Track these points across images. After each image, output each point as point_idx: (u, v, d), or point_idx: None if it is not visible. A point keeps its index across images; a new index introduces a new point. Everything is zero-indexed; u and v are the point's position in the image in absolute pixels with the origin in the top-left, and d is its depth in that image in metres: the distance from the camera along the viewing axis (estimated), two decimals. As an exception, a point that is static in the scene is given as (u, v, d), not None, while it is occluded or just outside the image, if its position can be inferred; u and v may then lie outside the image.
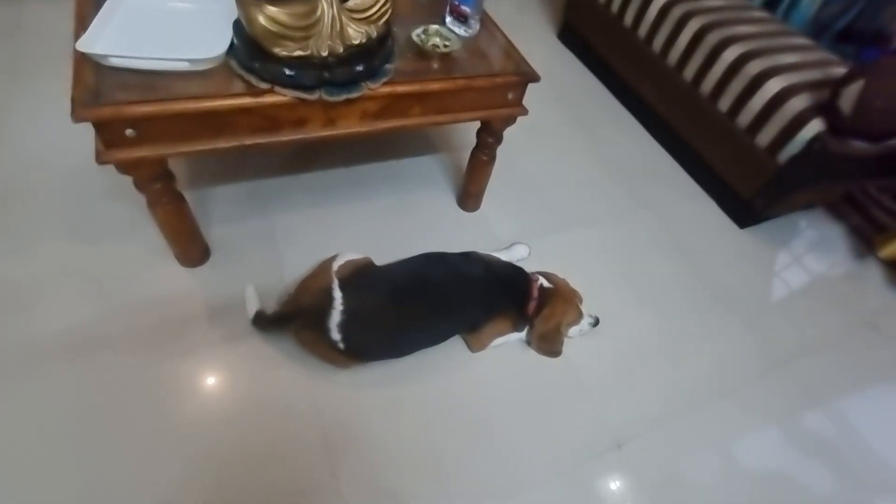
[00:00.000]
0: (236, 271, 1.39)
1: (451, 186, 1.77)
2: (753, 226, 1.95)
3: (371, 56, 1.08)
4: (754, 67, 1.73)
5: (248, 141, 1.08)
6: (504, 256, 1.55)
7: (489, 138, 1.45)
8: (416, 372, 1.31)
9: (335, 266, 1.21)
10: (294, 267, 1.40)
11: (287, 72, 0.99)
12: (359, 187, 1.69)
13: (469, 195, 1.67)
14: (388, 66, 1.13)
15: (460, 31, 1.31)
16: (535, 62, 1.31)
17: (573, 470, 1.23)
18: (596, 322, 1.44)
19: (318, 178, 1.68)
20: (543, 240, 1.68)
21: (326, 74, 1.02)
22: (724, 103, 1.84)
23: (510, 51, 1.32)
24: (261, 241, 1.47)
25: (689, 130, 2.03)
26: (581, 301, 1.43)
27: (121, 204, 1.45)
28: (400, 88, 1.13)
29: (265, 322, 1.23)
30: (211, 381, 1.21)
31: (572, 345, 1.44)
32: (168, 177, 1.13)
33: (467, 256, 1.35)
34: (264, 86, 1.01)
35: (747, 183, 1.84)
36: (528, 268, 1.44)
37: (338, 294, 1.15)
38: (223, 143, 1.06)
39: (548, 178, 1.91)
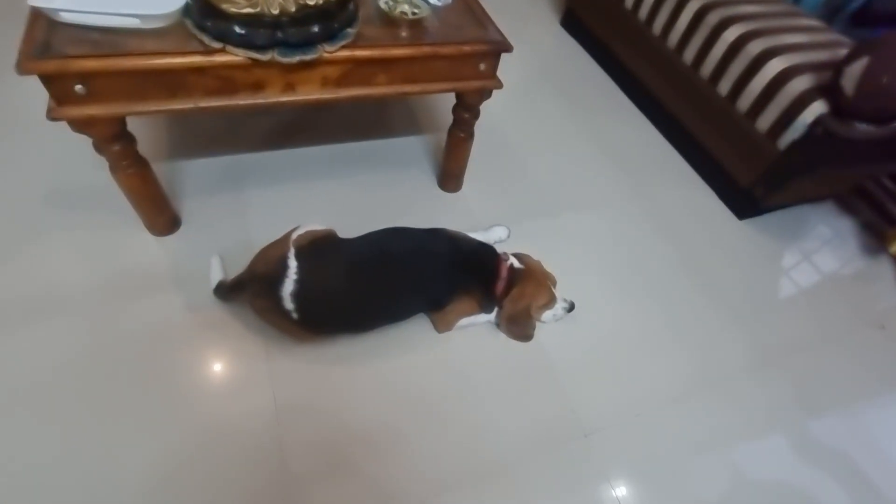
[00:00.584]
0: (205, 242, 1.38)
1: (434, 167, 1.73)
2: (753, 217, 1.85)
3: (329, 18, 1.05)
4: (755, 47, 1.63)
5: (204, 103, 1.06)
6: (481, 237, 1.50)
7: (465, 113, 1.41)
8: (378, 350, 1.27)
9: (294, 235, 1.18)
10: (263, 240, 1.37)
11: (238, 30, 0.97)
12: (338, 164, 1.67)
13: (448, 175, 1.63)
14: (350, 30, 1.10)
15: None
16: (537, 49, 1.30)
17: (534, 458, 1.17)
18: (571, 307, 1.38)
19: (298, 154, 1.67)
20: (528, 224, 1.63)
21: (279, 34, 1.00)
22: (724, 86, 1.75)
23: (483, 20, 1.27)
24: (232, 214, 1.46)
25: (688, 116, 1.95)
26: (554, 284, 1.38)
27: (97, 169, 1.45)
28: (360, 53, 1.10)
29: (224, 291, 1.22)
30: (167, 348, 1.20)
31: (545, 330, 1.38)
32: (127, 139, 1.12)
33: (434, 232, 1.31)
34: (216, 45, 0.99)
35: (746, 170, 1.75)
36: (508, 250, 1.39)
37: (292, 263, 1.12)
38: (178, 105, 1.05)
39: (540, 162, 1.86)
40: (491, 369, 1.30)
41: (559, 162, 1.88)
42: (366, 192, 1.61)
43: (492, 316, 1.34)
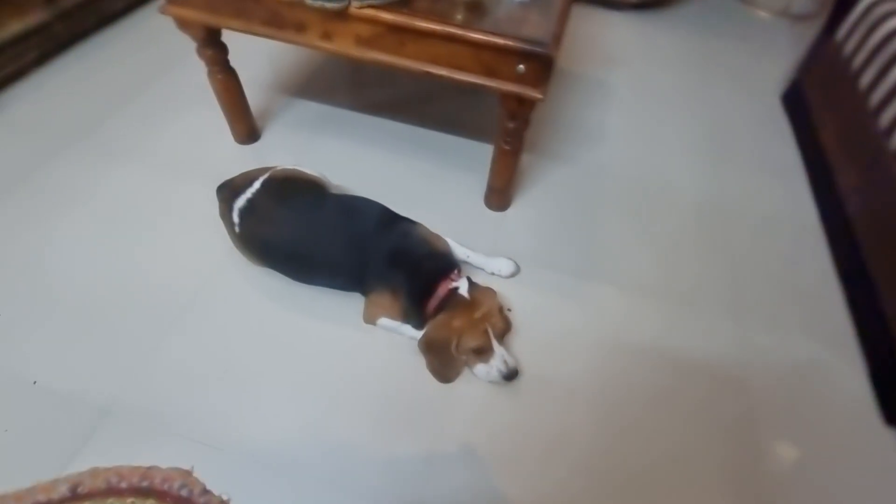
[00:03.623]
0: (268, 162, 1.56)
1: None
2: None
3: (368, -24, 1.08)
4: None
5: (256, 30, 1.23)
6: (476, 259, 1.33)
7: (508, 122, 1.26)
8: (297, 302, 1.26)
9: (280, 166, 1.26)
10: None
11: (283, -33, 1.09)
12: (407, 144, 1.69)
13: (491, 189, 1.48)
14: (388, -7, 1.11)
15: (511, -8, 1.18)
16: (741, 115, 1.13)
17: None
18: (511, 374, 1.10)
19: (380, 123, 1.76)
20: (552, 276, 1.37)
21: (317, -22, 1.08)
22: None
23: (553, 26, 1.11)
24: (299, 150, 1.64)
25: (881, 259, 1.31)
26: (500, 333, 1.12)
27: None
28: (386, 16, 1.10)
29: (217, 190, 1.34)
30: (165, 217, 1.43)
31: (474, 391, 1.14)
32: (219, 48, 1.38)
33: (397, 221, 1.21)
34: (268, -24, 1.13)
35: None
36: (501, 289, 1.24)
37: (256, 185, 1.20)
38: (237, 25, 1.23)
39: (627, 231, 1.53)
40: (377, 376, 1.14)
41: (651, 244, 1.50)
42: (413, 178, 1.60)
43: (418, 334, 1.17)
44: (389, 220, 1.21)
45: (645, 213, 1.58)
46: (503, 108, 1.24)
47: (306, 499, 0.98)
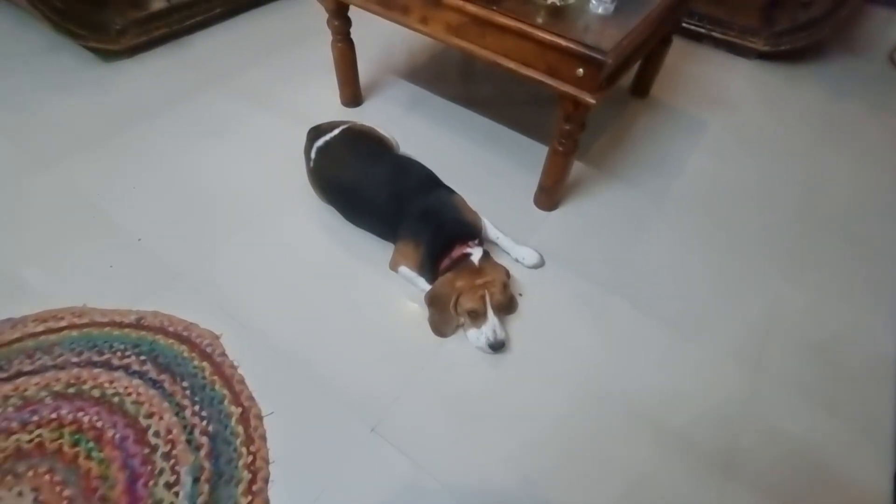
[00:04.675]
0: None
1: (550, 183, 1.67)
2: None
3: (466, -30, 1.25)
4: None
5: (372, 7, 1.46)
6: (505, 241, 1.43)
7: (564, 123, 1.34)
8: (342, 239, 1.45)
9: (365, 123, 1.49)
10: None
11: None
12: (480, 136, 1.83)
13: (541, 188, 1.56)
14: (480, -13, 1.26)
15: (596, 4, 1.27)
16: (856, 190, 1.42)
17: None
18: (497, 345, 1.19)
19: (464, 113, 1.92)
20: (582, 285, 1.42)
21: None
22: None
23: (610, 35, 1.18)
24: (390, 120, 1.85)
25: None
26: (498, 305, 1.20)
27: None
28: (469, 7, 1.26)
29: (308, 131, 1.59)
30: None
31: (463, 353, 1.24)
32: (344, 21, 1.64)
33: (444, 190, 1.36)
34: (387, -36, 1.36)
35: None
36: (520, 276, 1.36)
37: (336, 131, 1.43)
38: (357, 1, 1.48)
39: (678, 253, 1.52)
40: (377, 320, 1.29)
41: (685, 280, 1.47)
42: (477, 164, 1.73)
43: (428, 288, 1.30)
44: (432, 184, 1.36)
45: (693, 250, 1.54)
46: (560, 109, 1.32)
47: (297, 388, 1.16)
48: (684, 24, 2.37)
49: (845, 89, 2.23)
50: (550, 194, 1.56)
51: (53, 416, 1.07)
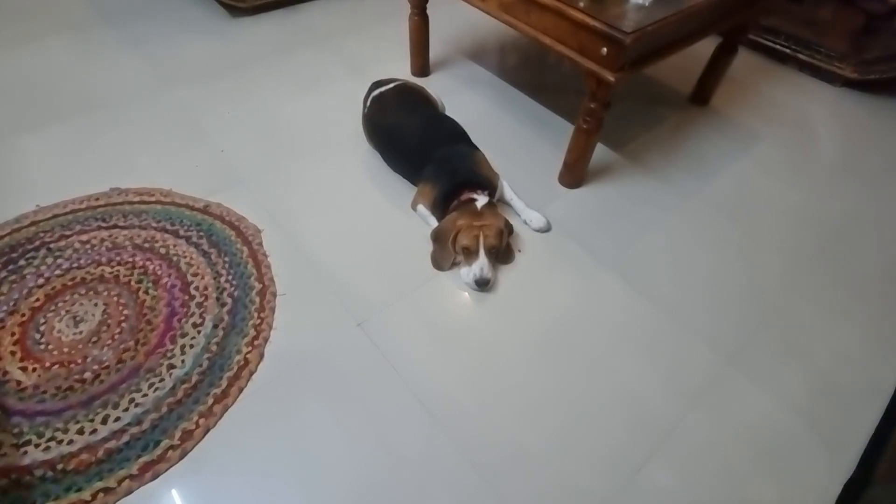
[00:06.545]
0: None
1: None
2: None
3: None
4: None
5: (444, -16, 1.67)
6: (517, 202, 1.56)
7: (589, 101, 1.45)
8: (379, 180, 1.67)
9: (417, 83, 1.71)
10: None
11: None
12: (527, 117, 1.97)
13: (565, 165, 1.66)
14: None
15: (636, -4, 1.37)
16: None
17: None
18: (482, 282, 1.33)
19: (518, 97, 2.07)
20: (576, 248, 1.52)
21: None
22: None
23: (638, 20, 1.27)
24: (450, 92, 2.05)
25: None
26: (490, 247, 1.34)
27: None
28: (517, -15, 1.42)
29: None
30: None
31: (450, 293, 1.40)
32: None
33: (467, 144, 1.53)
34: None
35: None
36: (525, 236, 1.50)
37: (391, 85, 1.65)
38: (433, -22, 1.70)
39: (687, 253, 1.56)
40: (372, 247, 1.48)
41: (688, 273, 1.50)
42: (513, 138, 1.88)
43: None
44: (459, 139, 1.53)
45: (703, 247, 1.56)
46: (586, 86, 1.43)
47: (308, 281, 1.39)
48: (769, 44, 2.32)
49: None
50: (573, 171, 1.66)
51: (130, 259, 1.39)
